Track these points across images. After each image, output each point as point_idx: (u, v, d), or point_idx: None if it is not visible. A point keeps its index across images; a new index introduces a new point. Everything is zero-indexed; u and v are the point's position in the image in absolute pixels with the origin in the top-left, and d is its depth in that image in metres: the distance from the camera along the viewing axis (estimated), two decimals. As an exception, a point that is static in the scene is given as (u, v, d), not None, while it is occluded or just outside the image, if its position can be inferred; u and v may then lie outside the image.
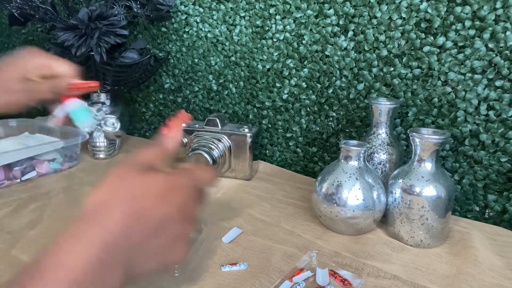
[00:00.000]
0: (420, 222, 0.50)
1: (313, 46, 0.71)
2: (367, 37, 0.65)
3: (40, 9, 0.77)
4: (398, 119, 0.65)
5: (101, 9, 0.77)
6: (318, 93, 0.73)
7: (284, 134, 0.79)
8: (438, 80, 0.60)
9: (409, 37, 0.61)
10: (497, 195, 0.59)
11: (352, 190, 0.51)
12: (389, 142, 0.58)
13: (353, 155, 0.52)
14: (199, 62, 0.87)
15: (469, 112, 0.59)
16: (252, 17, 0.77)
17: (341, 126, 0.72)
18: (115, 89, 0.85)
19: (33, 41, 1.18)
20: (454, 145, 0.61)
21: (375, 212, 0.52)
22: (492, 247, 0.51)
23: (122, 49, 0.85)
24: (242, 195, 0.66)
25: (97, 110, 0.83)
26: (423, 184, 0.49)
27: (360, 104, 0.69)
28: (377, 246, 0.51)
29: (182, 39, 0.88)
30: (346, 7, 0.66)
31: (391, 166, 0.58)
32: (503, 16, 0.54)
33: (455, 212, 0.62)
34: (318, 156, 0.76)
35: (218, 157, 0.69)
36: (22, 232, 0.52)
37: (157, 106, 0.97)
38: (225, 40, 0.82)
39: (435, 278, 0.44)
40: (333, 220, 0.53)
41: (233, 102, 0.84)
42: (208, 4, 0.82)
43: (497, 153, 0.57)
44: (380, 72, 0.65)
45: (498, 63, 0.55)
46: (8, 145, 0.73)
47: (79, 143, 0.77)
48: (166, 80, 0.93)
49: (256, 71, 0.79)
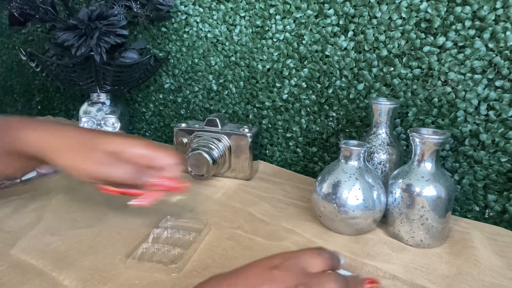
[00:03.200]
0: (420, 222, 0.50)
1: (313, 46, 0.71)
2: (367, 37, 0.65)
3: (40, 9, 0.77)
4: (398, 119, 0.65)
5: (101, 9, 0.77)
6: (318, 93, 0.73)
7: (284, 134, 0.79)
8: (438, 80, 0.60)
9: (409, 37, 0.61)
10: (497, 195, 0.59)
11: (352, 190, 0.51)
12: (389, 142, 0.58)
13: (353, 155, 0.52)
14: (199, 62, 0.87)
15: (469, 112, 0.59)
16: (252, 17, 0.77)
17: (341, 126, 0.72)
18: (115, 89, 0.85)
19: (33, 41, 1.18)
20: (454, 145, 0.61)
21: (375, 212, 0.52)
22: (492, 247, 0.51)
23: (122, 49, 0.85)
24: (242, 195, 0.66)
25: (97, 110, 0.83)
26: (423, 184, 0.49)
27: (360, 104, 0.69)
28: (377, 246, 0.51)
29: (182, 39, 0.88)
30: (346, 7, 0.66)
31: (391, 166, 0.58)
32: (503, 16, 0.54)
33: (455, 212, 0.62)
34: (318, 156, 0.76)
35: (218, 157, 0.69)
36: (22, 232, 0.52)
37: (157, 106, 0.97)
38: (225, 40, 0.82)
39: (435, 278, 0.44)
40: (333, 220, 0.53)
41: (233, 102, 0.84)
42: (208, 4, 0.82)
43: (497, 153, 0.57)
44: (380, 72, 0.65)
45: (498, 63, 0.55)
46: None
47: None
48: (166, 80, 0.93)
49: (256, 71, 0.79)
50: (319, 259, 0.36)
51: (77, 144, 0.45)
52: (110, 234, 0.52)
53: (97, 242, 0.50)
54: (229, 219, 0.57)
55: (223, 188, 0.69)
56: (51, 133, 0.46)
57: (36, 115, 1.25)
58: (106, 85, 0.82)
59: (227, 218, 0.57)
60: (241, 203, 0.63)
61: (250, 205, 0.62)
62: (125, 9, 0.84)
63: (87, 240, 0.51)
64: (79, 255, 0.47)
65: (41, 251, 0.47)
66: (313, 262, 0.35)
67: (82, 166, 0.45)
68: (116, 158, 0.45)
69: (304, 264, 0.34)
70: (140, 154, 0.47)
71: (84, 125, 0.80)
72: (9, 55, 1.27)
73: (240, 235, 0.53)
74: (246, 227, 0.55)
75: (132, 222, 0.55)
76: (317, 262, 0.35)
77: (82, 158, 0.45)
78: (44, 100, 1.23)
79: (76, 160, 0.45)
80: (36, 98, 1.26)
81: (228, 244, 0.50)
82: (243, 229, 0.54)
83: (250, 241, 0.51)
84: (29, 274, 0.43)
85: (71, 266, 0.44)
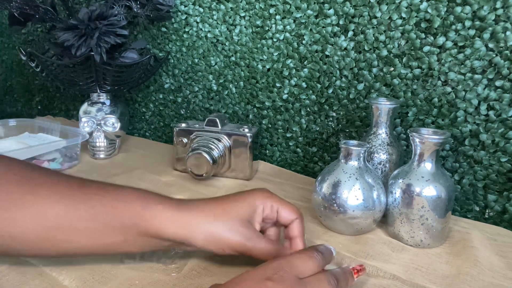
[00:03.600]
0: (420, 222, 0.50)
1: (313, 46, 0.71)
2: (367, 37, 0.65)
3: (40, 9, 0.77)
4: (398, 119, 0.65)
5: (101, 9, 0.77)
6: (318, 93, 0.73)
7: (284, 134, 0.79)
8: (438, 80, 0.60)
9: (409, 37, 0.61)
10: (497, 195, 0.59)
11: (352, 190, 0.51)
12: (389, 142, 0.58)
13: (353, 155, 0.52)
14: (199, 62, 0.87)
15: (469, 112, 0.59)
16: (252, 17, 0.77)
17: (341, 126, 0.72)
18: (115, 89, 0.85)
19: (33, 41, 1.18)
20: (454, 145, 0.61)
21: (375, 212, 0.52)
22: (492, 247, 0.51)
23: (122, 49, 0.85)
24: (242, 195, 0.66)
25: (97, 110, 0.83)
26: (423, 184, 0.49)
27: (360, 104, 0.69)
28: (377, 246, 0.51)
29: (182, 39, 0.88)
30: (346, 7, 0.66)
31: (391, 166, 0.58)
32: (503, 16, 0.54)
33: (455, 212, 0.62)
34: (318, 156, 0.76)
35: (218, 157, 0.69)
36: (22, 232, 0.52)
37: (157, 106, 0.97)
38: (225, 40, 0.82)
39: (435, 278, 0.44)
40: (333, 220, 0.53)
41: (233, 102, 0.84)
42: (208, 4, 0.82)
43: (497, 153, 0.57)
44: (380, 72, 0.65)
45: (498, 63, 0.55)
46: (8, 145, 0.73)
47: (79, 143, 0.77)
48: (166, 80, 0.93)
49: (256, 71, 0.79)
50: (311, 262, 0.36)
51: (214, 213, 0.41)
52: (110, 234, 0.52)
53: (97, 242, 0.50)
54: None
55: (223, 188, 0.69)
56: (188, 215, 0.40)
57: (36, 115, 1.25)
58: (106, 85, 0.82)
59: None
60: (241, 203, 0.63)
61: (250, 205, 0.62)
62: (125, 9, 0.84)
63: (87, 240, 0.50)
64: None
65: (41, 251, 0.47)
66: (305, 266, 0.35)
67: (228, 237, 0.40)
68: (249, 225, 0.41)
69: (297, 271, 0.34)
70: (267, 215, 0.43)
71: (84, 125, 0.80)
72: (9, 55, 1.27)
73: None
74: (246, 227, 0.55)
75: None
76: (310, 266, 0.36)
77: (226, 229, 0.40)
78: (44, 100, 1.24)
79: (220, 232, 0.40)
80: (36, 98, 1.26)
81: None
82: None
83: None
84: (29, 274, 0.43)
85: (71, 266, 0.44)
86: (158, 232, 0.39)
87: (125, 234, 0.39)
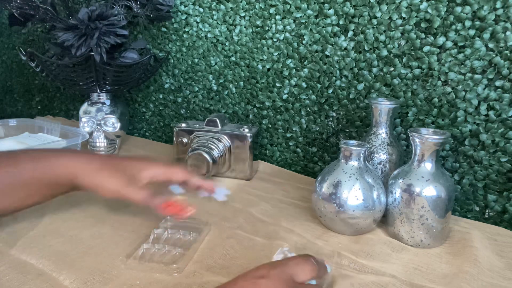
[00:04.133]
0: (420, 222, 0.50)
1: (313, 46, 0.71)
2: (367, 37, 0.65)
3: (40, 9, 0.77)
4: (398, 119, 0.65)
5: (101, 9, 0.77)
6: (318, 93, 0.73)
7: (284, 134, 0.79)
8: (438, 80, 0.60)
9: (409, 37, 0.61)
10: (497, 195, 0.59)
11: (352, 190, 0.51)
12: (389, 142, 0.58)
13: (353, 155, 0.52)
14: (199, 62, 0.87)
15: (469, 112, 0.59)
16: (252, 17, 0.77)
17: (341, 126, 0.72)
18: (115, 89, 0.85)
19: (33, 41, 1.18)
20: (454, 145, 0.61)
21: (375, 212, 0.52)
22: (492, 247, 0.51)
23: (122, 49, 0.85)
24: (242, 195, 0.66)
25: (97, 110, 0.83)
26: (423, 184, 0.49)
27: (360, 104, 0.69)
28: (377, 246, 0.51)
29: (182, 39, 0.88)
30: (346, 7, 0.66)
31: (391, 166, 0.58)
32: (503, 16, 0.54)
33: (455, 212, 0.62)
34: (318, 156, 0.76)
35: (218, 157, 0.69)
36: (22, 232, 0.52)
37: (157, 106, 0.97)
38: (225, 40, 0.82)
39: (434, 278, 0.45)
40: (333, 220, 0.53)
41: (233, 102, 0.84)
42: (208, 4, 0.82)
43: (497, 153, 0.57)
44: (380, 72, 0.65)
45: (498, 63, 0.55)
46: (8, 145, 0.73)
47: (79, 143, 0.77)
48: (166, 80, 0.93)
49: (256, 71, 0.79)
50: (305, 266, 0.37)
51: (103, 165, 0.50)
52: (110, 234, 0.52)
53: (98, 242, 0.50)
54: (229, 219, 0.57)
55: (223, 188, 0.69)
56: (79, 158, 0.51)
57: (36, 115, 1.25)
58: (106, 85, 0.82)
59: (227, 218, 0.57)
60: (241, 203, 0.63)
61: (250, 205, 0.62)
62: (125, 9, 0.84)
63: (87, 240, 0.51)
64: (80, 255, 0.47)
65: (42, 251, 0.47)
66: (300, 269, 0.36)
67: (107, 185, 0.49)
68: (136, 180, 0.51)
69: (291, 272, 0.35)
70: (154, 174, 0.53)
71: (84, 125, 0.80)
72: (9, 55, 1.27)
73: (240, 235, 0.53)
74: (246, 227, 0.55)
75: (132, 222, 0.55)
76: (304, 270, 0.36)
77: (109, 177, 0.49)
78: (44, 100, 1.24)
79: (103, 179, 0.49)
80: (36, 98, 1.26)
81: (229, 244, 0.50)
82: (243, 229, 0.55)
83: (250, 241, 0.51)
84: (29, 275, 0.43)
85: (72, 266, 0.44)
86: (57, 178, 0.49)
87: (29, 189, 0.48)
